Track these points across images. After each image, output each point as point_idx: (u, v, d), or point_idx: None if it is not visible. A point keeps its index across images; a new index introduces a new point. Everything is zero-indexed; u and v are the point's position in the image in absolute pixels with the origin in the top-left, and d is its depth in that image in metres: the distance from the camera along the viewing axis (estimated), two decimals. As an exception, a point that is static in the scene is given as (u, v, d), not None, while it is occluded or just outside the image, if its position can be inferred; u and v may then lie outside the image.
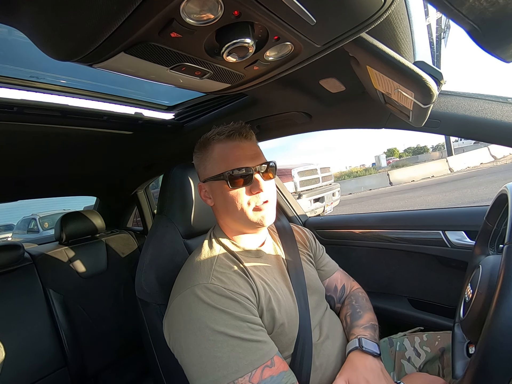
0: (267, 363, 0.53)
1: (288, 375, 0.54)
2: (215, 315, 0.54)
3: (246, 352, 0.52)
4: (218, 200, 0.69)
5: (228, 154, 0.66)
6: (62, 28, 0.37)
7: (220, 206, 0.70)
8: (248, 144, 0.68)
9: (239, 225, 0.70)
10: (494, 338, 0.41)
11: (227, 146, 0.67)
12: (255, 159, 0.67)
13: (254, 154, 0.68)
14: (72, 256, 1.48)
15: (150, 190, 2.06)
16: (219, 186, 0.67)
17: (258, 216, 0.66)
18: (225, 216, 0.71)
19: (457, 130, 0.80)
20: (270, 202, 0.68)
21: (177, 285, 0.64)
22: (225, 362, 0.51)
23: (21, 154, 1.04)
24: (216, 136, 0.68)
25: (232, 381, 0.50)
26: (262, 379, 0.51)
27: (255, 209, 0.66)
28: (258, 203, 0.66)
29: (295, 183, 4.65)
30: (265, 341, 0.56)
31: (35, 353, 1.20)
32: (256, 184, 0.65)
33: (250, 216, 0.66)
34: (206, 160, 0.69)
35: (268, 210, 0.67)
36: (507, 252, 0.46)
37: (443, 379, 0.67)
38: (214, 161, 0.68)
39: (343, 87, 0.80)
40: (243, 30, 0.41)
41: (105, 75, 0.59)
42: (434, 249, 1.05)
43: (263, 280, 0.66)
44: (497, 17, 0.26)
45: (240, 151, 0.66)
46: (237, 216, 0.67)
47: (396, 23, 0.50)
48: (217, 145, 0.68)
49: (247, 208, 0.65)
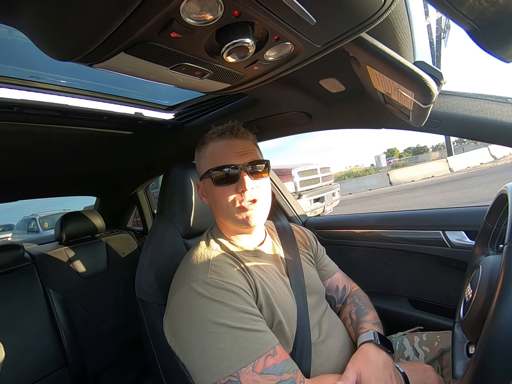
0: (269, 352, 0.53)
1: (290, 363, 0.55)
2: (216, 308, 0.54)
3: (248, 342, 0.53)
4: (209, 198, 0.71)
5: (218, 151, 0.67)
6: (62, 28, 0.37)
7: (211, 204, 0.72)
8: (239, 142, 0.68)
9: (230, 224, 0.70)
10: (494, 338, 0.41)
11: (218, 144, 0.68)
12: (244, 157, 0.66)
13: (243, 152, 0.67)
14: (72, 256, 1.48)
15: (150, 190, 2.06)
16: (208, 184, 0.68)
17: (242, 216, 0.65)
18: (218, 215, 0.71)
19: (457, 130, 0.80)
20: (258, 202, 0.66)
21: (175, 282, 0.64)
22: (228, 353, 0.51)
23: (21, 154, 1.04)
24: (211, 135, 0.69)
25: (236, 372, 0.50)
26: (265, 368, 0.51)
27: (240, 208, 0.65)
28: (244, 202, 0.64)
29: (295, 183, 4.65)
30: (266, 331, 0.57)
31: (35, 353, 1.20)
32: (242, 182, 0.64)
33: (234, 215, 0.65)
34: (200, 158, 0.71)
35: (255, 209, 0.65)
36: (507, 252, 0.46)
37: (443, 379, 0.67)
38: (206, 159, 0.69)
39: (343, 87, 0.80)
40: (243, 30, 0.41)
41: (105, 75, 0.59)
42: (434, 249, 1.05)
43: (261, 279, 0.66)
44: (497, 17, 0.26)
45: (229, 149, 0.66)
46: (225, 214, 0.67)
47: (396, 23, 0.50)
48: (210, 143, 0.69)
49: (232, 207, 0.65)
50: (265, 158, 0.73)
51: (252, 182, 0.65)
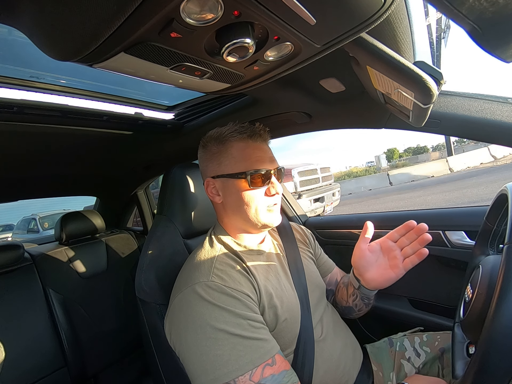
0: (268, 362, 0.53)
1: (289, 374, 0.54)
2: (216, 313, 0.54)
3: (246, 350, 0.52)
4: (231, 198, 0.68)
5: (250, 154, 0.67)
6: (62, 28, 0.37)
7: (231, 204, 0.69)
8: (267, 148, 0.72)
9: (247, 225, 0.70)
10: (494, 338, 0.41)
11: (248, 146, 0.68)
12: (273, 163, 0.70)
13: (272, 157, 0.71)
14: (72, 256, 1.48)
15: (150, 190, 2.06)
16: (236, 184, 0.66)
17: (269, 218, 0.68)
18: (233, 215, 0.70)
19: (457, 130, 0.80)
20: (278, 204, 0.71)
21: (178, 283, 0.64)
22: (225, 360, 0.51)
23: (21, 154, 1.04)
24: (237, 134, 0.67)
25: (233, 379, 0.50)
26: (263, 377, 0.51)
27: (268, 210, 0.68)
28: (271, 204, 0.69)
29: (295, 183, 4.65)
30: (266, 339, 0.56)
31: (35, 353, 1.20)
32: (273, 186, 0.68)
33: (262, 216, 0.67)
34: (222, 156, 0.68)
35: (277, 211, 0.71)
36: (507, 252, 0.46)
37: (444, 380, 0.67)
38: (233, 159, 0.67)
39: (343, 87, 0.80)
40: (243, 30, 0.41)
41: (105, 75, 0.58)
42: (434, 249, 1.05)
43: (265, 277, 0.66)
44: (497, 17, 0.26)
45: (262, 153, 0.68)
46: (250, 216, 0.67)
47: (396, 23, 0.50)
48: (238, 143, 0.67)
49: (261, 209, 0.67)
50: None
51: (279, 186, 0.69)
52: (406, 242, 0.71)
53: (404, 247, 0.71)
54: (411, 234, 0.70)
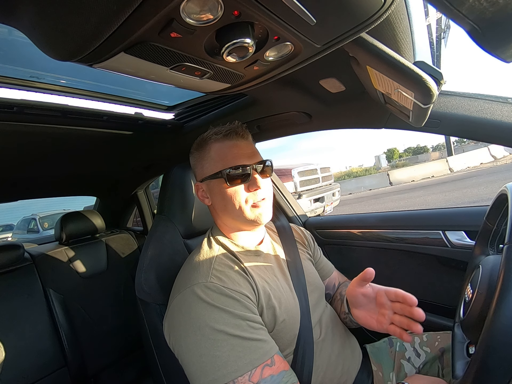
0: (267, 362, 0.53)
1: (289, 375, 0.54)
2: (215, 314, 0.54)
3: (245, 351, 0.52)
4: (216, 198, 0.70)
5: (226, 152, 0.67)
6: (62, 28, 0.37)
7: (217, 205, 0.71)
8: (245, 143, 0.70)
9: (237, 223, 0.70)
10: (494, 338, 0.41)
11: (224, 145, 0.68)
12: (252, 158, 0.68)
13: (251, 152, 0.69)
14: (72, 256, 1.48)
15: (150, 190, 2.06)
16: (217, 184, 0.68)
17: (255, 214, 0.67)
18: (223, 215, 0.71)
19: (457, 130, 0.80)
20: (267, 200, 0.69)
21: (176, 284, 0.64)
22: (224, 361, 0.51)
23: (21, 154, 1.04)
24: (213, 136, 0.69)
25: (232, 380, 0.50)
26: (262, 378, 0.51)
27: (253, 206, 0.67)
28: (256, 200, 0.67)
29: (295, 183, 4.65)
30: (265, 340, 0.56)
31: (35, 353, 1.20)
32: (254, 181, 0.66)
33: (247, 213, 0.67)
34: (203, 160, 0.70)
35: (265, 207, 0.69)
36: (507, 252, 0.46)
37: (443, 380, 0.67)
38: (212, 160, 0.69)
39: (343, 87, 0.80)
40: (243, 30, 0.41)
41: (105, 75, 0.59)
42: (434, 249, 1.05)
43: (263, 278, 0.66)
44: (497, 17, 0.26)
45: (238, 150, 0.68)
46: (235, 214, 0.67)
47: (396, 23, 0.50)
48: (215, 144, 0.69)
49: (244, 206, 0.66)
50: (265, 158, 0.74)
51: (262, 181, 0.67)
52: (398, 310, 0.66)
53: (395, 312, 0.67)
54: (404, 308, 0.65)
